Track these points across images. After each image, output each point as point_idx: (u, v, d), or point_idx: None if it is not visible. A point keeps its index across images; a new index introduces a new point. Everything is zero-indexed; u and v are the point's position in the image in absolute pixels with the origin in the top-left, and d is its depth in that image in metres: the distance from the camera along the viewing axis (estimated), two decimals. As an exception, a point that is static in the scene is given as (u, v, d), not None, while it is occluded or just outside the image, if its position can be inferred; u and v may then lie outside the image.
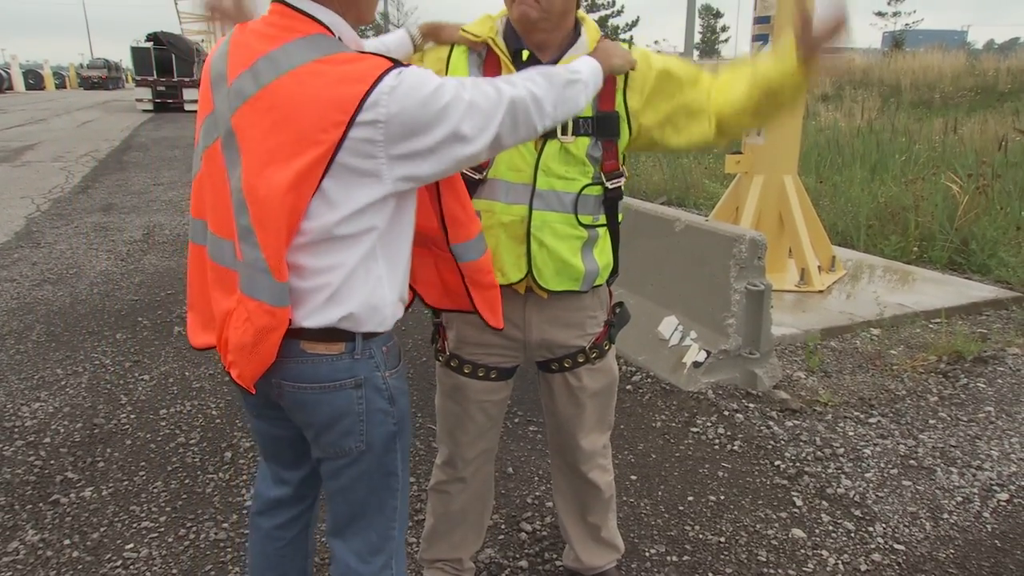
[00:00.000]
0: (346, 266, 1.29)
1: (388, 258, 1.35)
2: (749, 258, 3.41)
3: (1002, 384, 3.62)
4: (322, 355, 1.33)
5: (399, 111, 1.19)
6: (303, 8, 1.28)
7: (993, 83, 16.50)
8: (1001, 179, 6.66)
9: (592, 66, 1.51)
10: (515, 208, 1.67)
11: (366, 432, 1.39)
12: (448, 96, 1.23)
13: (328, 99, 1.18)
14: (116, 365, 3.93)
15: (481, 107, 1.27)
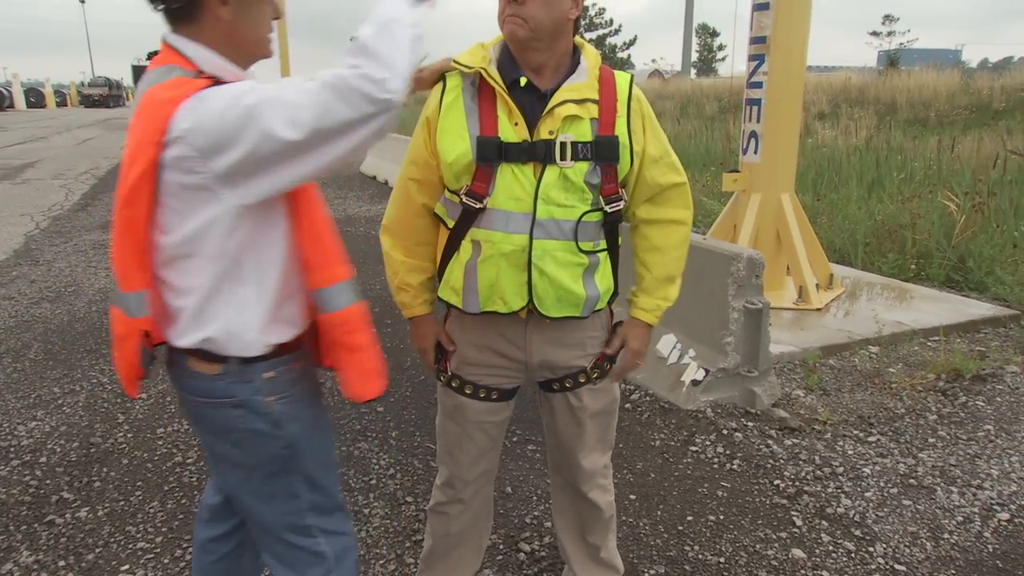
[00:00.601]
0: (203, 286, 1.32)
1: (257, 282, 1.35)
2: (747, 276, 3.41)
3: (1001, 402, 3.61)
4: (203, 373, 1.39)
5: (198, 126, 1.20)
6: (172, 43, 1.35)
7: (987, 101, 16.62)
8: (997, 197, 6.69)
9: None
10: (515, 237, 1.66)
11: (252, 451, 1.43)
12: (251, 99, 1.19)
13: (150, 121, 1.24)
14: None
15: (290, 100, 1.18)
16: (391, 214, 1.83)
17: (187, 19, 1.32)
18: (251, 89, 1.21)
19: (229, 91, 1.22)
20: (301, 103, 1.17)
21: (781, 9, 4.77)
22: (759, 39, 4.96)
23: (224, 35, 1.33)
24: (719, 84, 24.28)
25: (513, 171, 1.64)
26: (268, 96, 1.19)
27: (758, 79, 5.00)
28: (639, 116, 1.73)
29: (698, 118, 18.14)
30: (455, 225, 1.71)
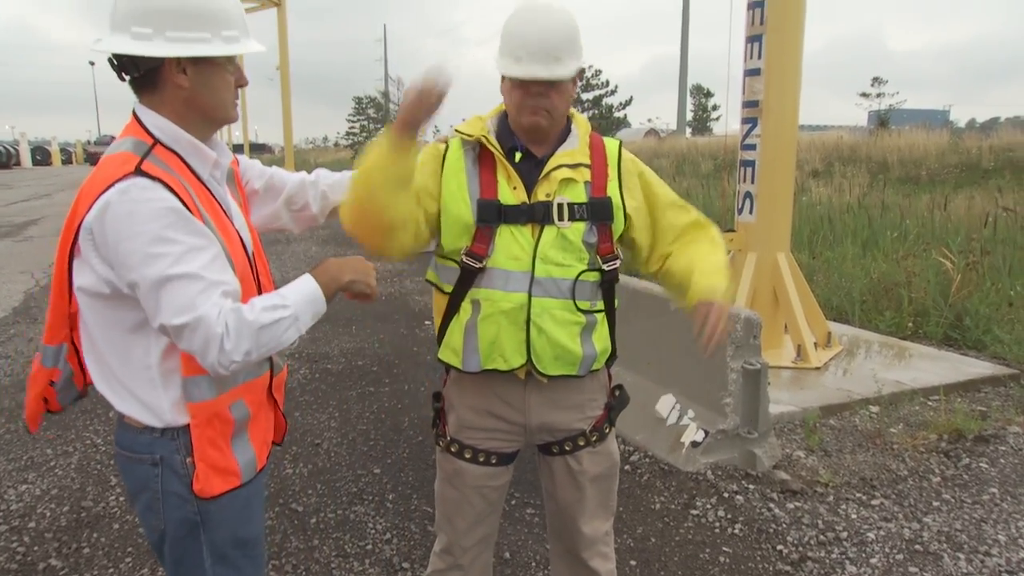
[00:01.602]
0: (101, 357, 1.40)
1: (149, 363, 1.38)
2: (745, 337, 3.42)
3: (1005, 464, 3.58)
4: (131, 424, 1.42)
5: (106, 221, 1.26)
6: (136, 111, 1.41)
7: (977, 160, 16.93)
8: (991, 255, 6.75)
9: (306, 293, 1.40)
10: (515, 296, 1.71)
11: (163, 512, 1.43)
12: (157, 260, 1.25)
13: (85, 194, 1.32)
14: (107, 444, 3.87)
15: (174, 298, 1.26)
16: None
17: (149, 88, 1.38)
18: (158, 242, 1.25)
19: (137, 231, 1.25)
20: (182, 307, 1.25)
21: (772, 75, 4.91)
22: (752, 103, 5.09)
23: (184, 102, 1.38)
24: (714, 143, 24.76)
25: (512, 232, 1.70)
26: (168, 276, 1.25)
27: (751, 141, 5.11)
28: (633, 176, 1.83)
29: (694, 176, 18.44)
30: (454, 288, 1.75)
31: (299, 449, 3.82)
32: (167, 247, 1.26)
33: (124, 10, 1.34)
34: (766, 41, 4.90)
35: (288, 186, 1.78)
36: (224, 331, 1.26)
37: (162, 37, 1.32)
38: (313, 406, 4.48)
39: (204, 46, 1.35)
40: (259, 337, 1.30)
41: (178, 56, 1.34)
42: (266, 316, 1.31)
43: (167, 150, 1.37)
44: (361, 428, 4.14)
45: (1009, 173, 15.23)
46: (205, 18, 1.35)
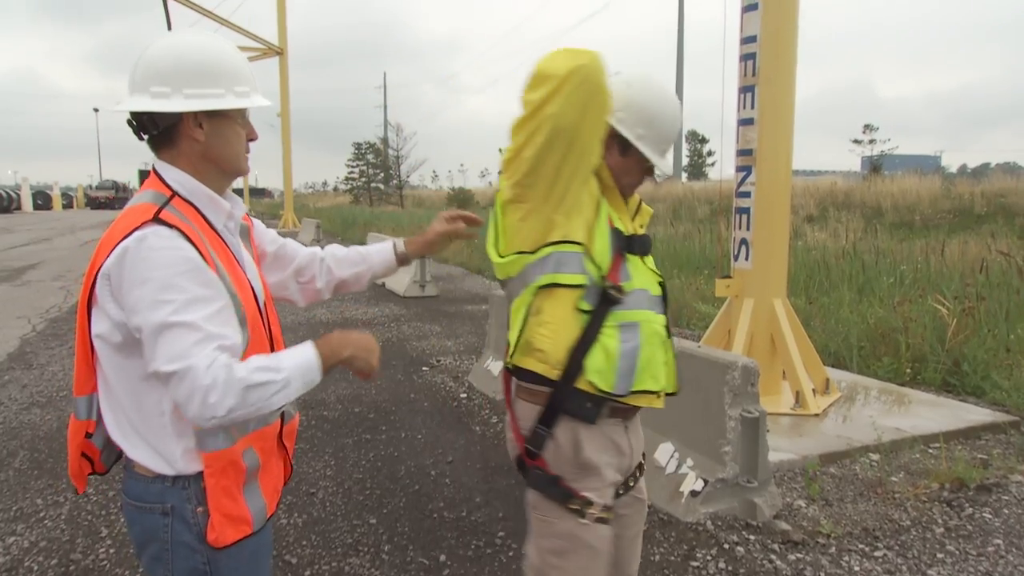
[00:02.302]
0: (116, 403, 1.44)
1: (161, 411, 1.41)
2: (742, 385, 3.41)
3: (1009, 514, 3.53)
4: (142, 474, 1.44)
5: (118, 273, 1.31)
6: (156, 167, 1.48)
7: (969, 206, 17.13)
8: (986, 301, 6.78)
9: (302, 362, 1.40)
10: (659, 317, 1.80)
11: (172, 563, 1.43)
12: (161, 307, 1.28)
13: (105, 243, 1.37)
14: (99, 494, 3.81)
15: (170, 344, 1.28)
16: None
17: (167, 144, 1.46)
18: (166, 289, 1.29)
19: (149, 276, 1.30)
20: (179, 355, 1.28)
21: (765, 124, 5.00)
22: (746, 151, 5.17)
23: (200, 155, 1.46)
24: (709, 188, 25.06)
25: (631, 259, 1.77)
26: (168, 323, 1.28)
27: (746, 189, 5.17)
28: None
29: (690, 221, 18.61)
30: (595, 310, 1.69)
31: (294, 498, 3.77)
32: (173, 294, 1.29)
33: (143, 72, 1.43)
34: (758, 92, 5.00)
35: (298, 258, 1.85)
36: (211, 384, 1.27)
37: (180, 95, 1.41)
38: (308, 454, 4.43)
39: (219, 100, 1.43)
40: (246, 396, 1.30)
41: (195, 111, 1.42)
42: (257, 376, 1.31)
43: (184, 202, 1.43)
44: (357, 477, 4.09)
45: (1002, 218, 15.39)
46: (219, 75, 1.44)
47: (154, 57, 1.44)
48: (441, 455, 4.42)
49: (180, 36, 1.54)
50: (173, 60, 1.43)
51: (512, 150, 1.63)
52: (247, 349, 1.41)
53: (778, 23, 4.91)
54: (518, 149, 1.61)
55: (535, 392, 1.74)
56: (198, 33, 1.54)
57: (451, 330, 8.33)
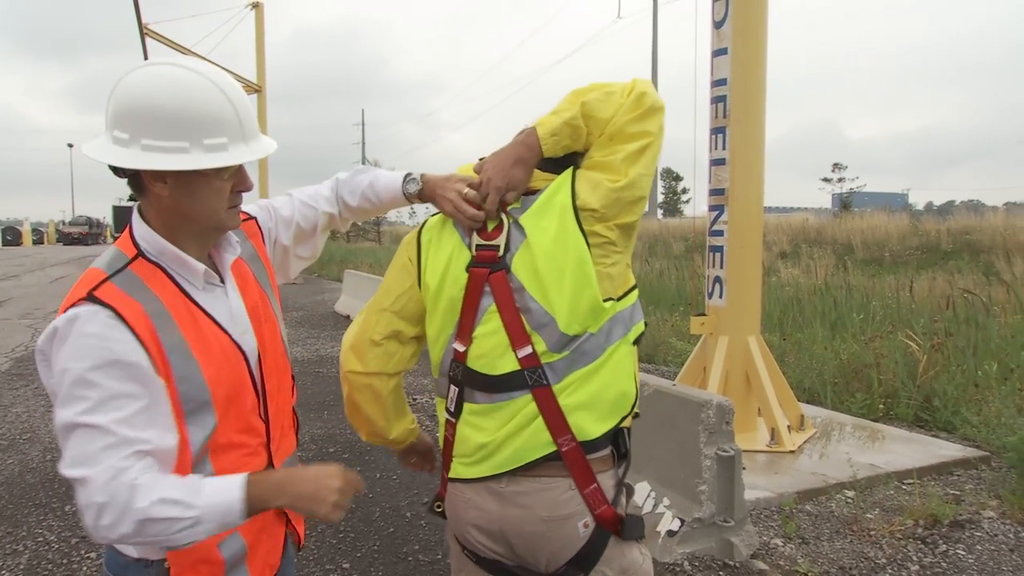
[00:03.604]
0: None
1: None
2: (717, 423, 3.42)
3: (982, 551, 3.55)
4: (113, 548, 1.34)
5: (48, 355, 1.22)
6: (131, 219, 1.35)
7: (936, 243, 17.54)
8: (954, 337, 6.90)
9: (223, 503, 1.20)
10: None
11: None
12: (73, 403, 1.17)
13: (62, 307, 1.25)
14: (61, 542, 3.69)
15: (77, 445, 1.17)
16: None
17: (139, 191, 1.31)
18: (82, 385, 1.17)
19: (67, 367, 1.18)
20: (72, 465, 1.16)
21: (737, 165, 5.11)
22: (718, 191, 5.26)
23: (168, 210, 1.30)
24: (684, 224, 25.41)
25: None
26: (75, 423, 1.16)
27: (719, 227, 5.25)
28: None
29: (666, 257, 18.80)
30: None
31: (264, 543, 3.68)
32: (86, 390, 1.16)
33: (110, 111, 1.26)
34: (729, 133, 5.11)
35: (319, 220, 1.67)
36: (105, 503, 1.13)
37: (137, 144, 1.22)
38: (280, 497, 4.33)
39: (179, 158, 1.23)
40: (143, 528, 1.15)
41: (147, 169, 1.24)
42: (159, 510, 1.15)
43: (150, 263, 1.29)
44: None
45: (968, 255, 15.76)
46: (184, 125, 1.23)
47: (120, 94, 1.25)
48: (417, 496, 4.35)
49: (152, 70, 1.27)
50: (133, 101, 1.23)
51: (626, 186, 1.49)
52: (215, 432, 1.29)
53: (747, 67, 5.05)
54: (636, 183, 1.50)
55: (607, 456, 1.58)
56: (177, 66, 1.27)
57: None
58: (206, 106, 1.25)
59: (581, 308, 1.49)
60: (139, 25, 20.09)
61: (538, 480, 1.51)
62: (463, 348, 1.55)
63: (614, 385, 1.54)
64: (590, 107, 1.48)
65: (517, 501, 1.52)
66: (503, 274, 1.52)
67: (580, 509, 1.51)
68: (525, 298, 1.50)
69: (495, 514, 1.53)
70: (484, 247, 1.55)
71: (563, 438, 1.48)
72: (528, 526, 1.52)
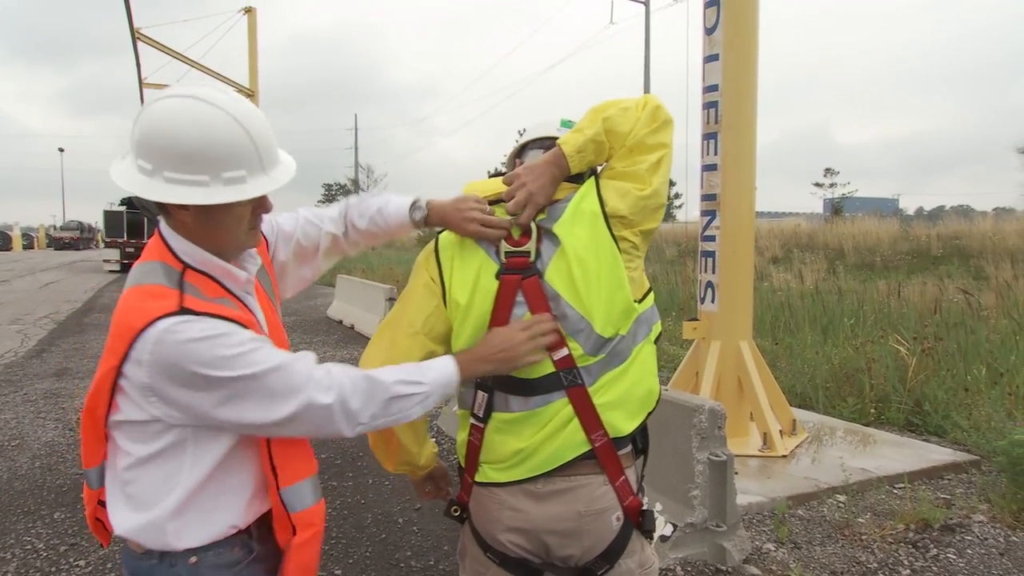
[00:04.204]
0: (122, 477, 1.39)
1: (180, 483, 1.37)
2: (709, 428, 3.43)
3: (972, 555, 3.56)
4: (132, 550, 1.40)
5: (160, 362, 1.24)
6: (161, 231, 1.39)
7: (927, 248, 17.65)
8: (944, 341, 6.94)
9: (444, 376, 1.45)
10: None
11: None
12: (232, 372, 1.24)
13: (120, 326, 1.28)
14: (50, 549, 3.66)
15: (273, 391, 1.27)
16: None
17: (164, 212, 1.37)
18: (240, 353, 1.25)
19: (217, 341, 1.25)
20: (278, 403, 1.28)
21: (728, 170, 5.13)
22: (710, 196, 5.28)
23: (192, 234, 1.36)
24: (677, 229, 25.46)
25: None
26: (251, 373, 1.26)
27: (711, 233, 5.27)
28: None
29: (659, 262, 18.85)
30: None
31: (255, 550, 3.66)
32: (244, 355, 1.26)
33: (136, 138, 1.31)
34: (721, 139, 5.14)
35: (322, 242, 1.69)
36: (344, 396, 1.31)
37: (160, 176, 1.29)
38: (272, 503, 4.31)
39: (199, 191, 1.29)
40: (389, 406, 1.34)
41: (168, 202, 1.31)
42: (400, 388, 1.35)
43: (198, 273, 1.36)
44: (321, 526, 3.99)
45: (957, 260, 15.87)
46: (203, 160, 1.28)
47: (144, 125, 1.30)
48: (409, 502, 4.34)
49: (175, 104, 1.30)
50: (156, 135, 1.28)
51: (651, 194, 1.62)
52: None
53: (738, 73, 5.08)
54: (659, 191, 1.62)
55: (629, 452, 1.67)
56: (199, 100, 1.30)
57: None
58: (225, 141, 1.30)
59: (615, 311, 1.58)
60: (131, 29, 20.05)
61: (573, 479, 1.58)
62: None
63: (642, 383, 1.63)
64: (611, 122, 1.59)
65: (555, 499, 1.58)
66: (536, 280, 1.59)
67: (613, 503, 1.60)
68: (561, 305, 1.57)
69: (532, 514, 1.59)
70: (514, 253, 1.61)
71: (596, 434, 1.57)
72: (566, 523, 1.58)
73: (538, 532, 1.59)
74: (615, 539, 1.60)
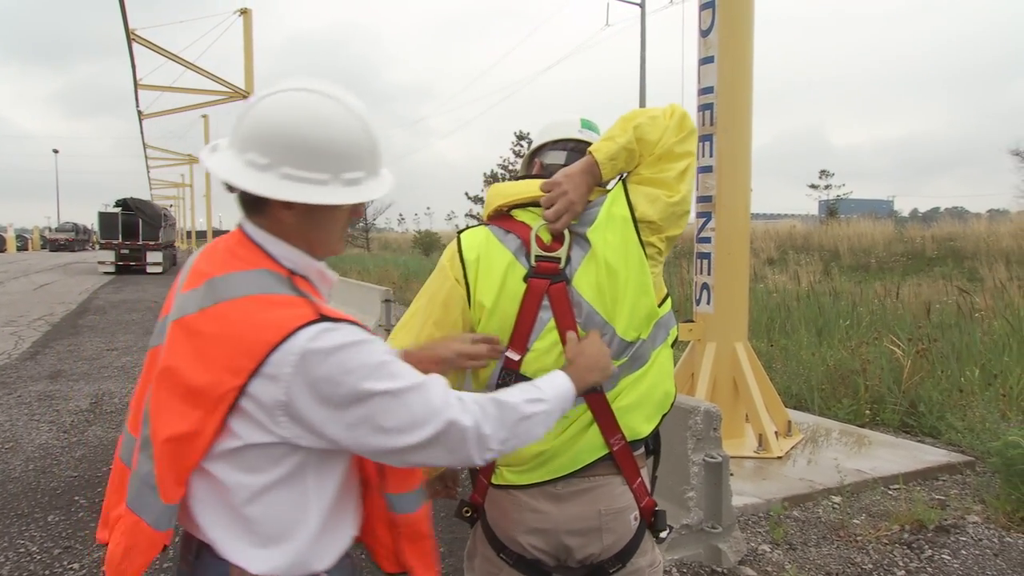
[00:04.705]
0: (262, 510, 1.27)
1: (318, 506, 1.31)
2: (705, 430, 3.43)
3: (967, 555, 3.57)
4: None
5: (303, 375, 1.14)
6: (252, 235, 1.28)
7: (921, 249, 17.72)
8: (938, 343, 6.96)
9: (563, 392, 1.41)
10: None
11: None
12: (378, 384, 1.16)
13: (248, 341, 1.15)
14: (43, 552, 3.65)
15: (414, 411, 1.19)
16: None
17: (256, 211, 1.28)
18: (380, 364, 1.18)
19: (362, 351, 1.17)
20: (419, 424, 1.19)
21: (724, 172, 5.14)
22: (705, 198, 5.29)
23: (287, 234, 1.28)
24: (672, 231, 25.53)
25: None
26: (395, 389, 1.18)
27: (707, 234, 5.28)
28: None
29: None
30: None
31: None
32: (387, 369, 1.18)
33: (246, 130, 1.24)
34: (716, 140, 5.15)
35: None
36: (479, 421, 1.23)
37: (276, 172, 1.21)
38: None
39: (318, 191, 1.22)
40: (518, 427, 1.28)
41: (284, 200, 1.22)
42: (529, 408, 1.30)
43: (300, 278, 1.29)
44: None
45: (952, 261, 15.93)
46: (329, 158, 1.23)
47: (263, 115, 1.23)
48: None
49: (298, 97, 1.24)
50: (283, 128, 1.21)
51: (680, 201, 1.65)
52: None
53: (733, 75, 5.09)
54: (687, 198, 1.66)
55: (642, 453, 1.70)
56: (325, 96, 1.25)
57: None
58: (350, 141, 1.25)
59: (638, 315, 1.61)
60: (126, 31, 20.01)
61: (593, 479, 1.61)
62: (517, 357, 1.61)
63: (659, 386, 1.66)
64: (641, 131, 1.63)
65: (576, 500, 1.61)
66: (563, 287, 1.61)
67: (631, 503, 1.64)
68: (585, 310, 1.60)
69: (552, 515, 1.61)
70: (545, 258, 1.62)
71: (614, 438, 1.60)
72: (586, 522, 1.61)
73: (558, 533, 1.62)
74: (632, 538, 1.64)
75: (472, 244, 1.69)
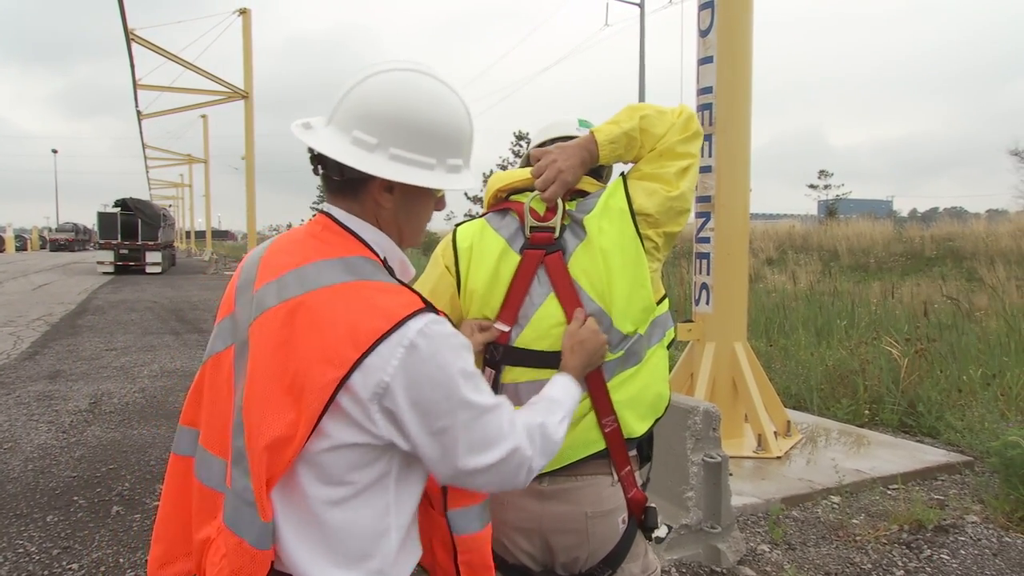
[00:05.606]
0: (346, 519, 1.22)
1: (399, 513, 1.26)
2: (704, 430, 3.43)
3: (965, 555, 3.58)
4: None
5: (411, 366, 1.09)
6: (347, 224, 1.22)
7: (920, 249, 17.74)
8: (937, 343, 6.97)
9: (576, 399, 1.43)
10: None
11: None
12: (472, 396, 1.13)
13: (347, 329, 1.09)
14: (42, 553, 3.64)
15: (489, 431, 1.16)
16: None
17: (347, 194, 1.23)
18: (471, 376, 1.14)
19: (458, 357, 1.13)
20: (491, 444, 1.16)
21: (723, 172, 5.14)
22: (704, 198, 5.29)
23: (382, 220, 1.24)
24: (672, 231, 25.55)
25: None
26: (482, 404, 1.15)
27: (706, 234, 5.28)
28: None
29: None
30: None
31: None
32: (475, 380, 1.15)
33: (351, 108, 1.18)
34: (715, 141, 5.15)
35: None
36: (536, 452, 1.22)
37: (384, 152, 1.17)
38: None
39: (425, 174, 1.19)
40: (552, 450, 1.27)
41: (394, 180, 1.18)
42: (561, 429, 1.31)
43: (389, 267, 1.25)
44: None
45: (951, 261, 15.94)
46: (438, 141, 1.20)
47: (372, 92, 1.18)
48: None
49: (409, 78, 1.19)
50: (395, 107, 1.17)
51: (678, 196, 1.64)
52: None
53: (733, 75, 5.09)
54: (686, 196, 1.65)
55: (634, 457, 1.68)
56: (435, 79, 1.21)
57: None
58: (458, 126, 1.23)
59: (634, 307, 1.59)
60: (125, 31, 20.00)
61: (580, 478, 1.57)
62: (507, 328, 1.60)
63: (652, 386, 1.63)
64: (647, 121, 1.62)
65: (560, 498, 1.57)
66: (559, 256, 1.59)
67: (620, 504, 1.60)
68: (581, 297, 1.58)
69: (536, 513, 1.58)
70: (539, 228, 1.63)
71: (607, 419, 1.57)
72: (571, 523, 1.57)
73: (543, 533, 1.58)
74: (619, 542, 1.60)
75: (466, 234, 1.70)
